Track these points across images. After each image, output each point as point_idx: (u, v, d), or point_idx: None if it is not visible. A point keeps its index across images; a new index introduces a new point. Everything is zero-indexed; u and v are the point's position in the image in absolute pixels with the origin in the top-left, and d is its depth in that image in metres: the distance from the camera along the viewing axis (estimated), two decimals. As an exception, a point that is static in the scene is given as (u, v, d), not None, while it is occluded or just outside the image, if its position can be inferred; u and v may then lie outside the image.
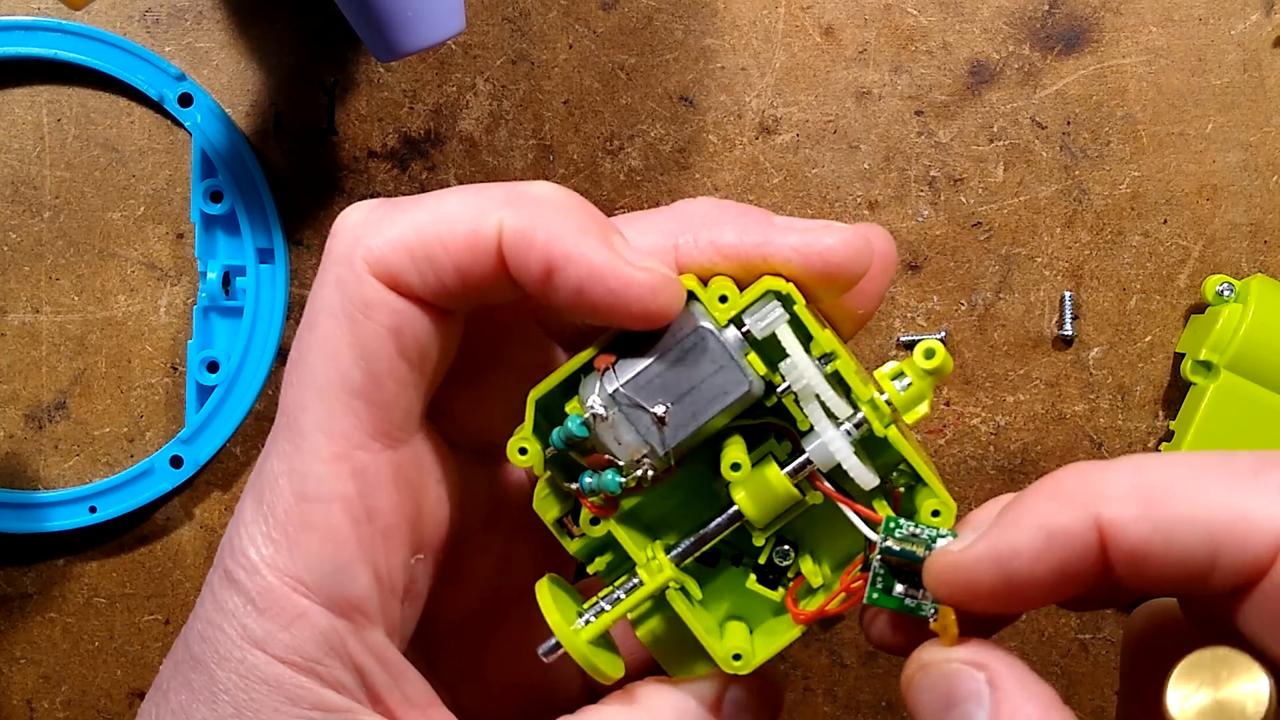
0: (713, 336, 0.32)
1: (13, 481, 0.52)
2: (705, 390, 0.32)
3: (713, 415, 0.32)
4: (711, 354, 0.32)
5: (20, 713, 0.52)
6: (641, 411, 0.32)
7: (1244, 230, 0.51)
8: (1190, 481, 0.27)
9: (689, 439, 0.33)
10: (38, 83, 0.52)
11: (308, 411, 0.33)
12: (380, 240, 0.32)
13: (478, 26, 0.51)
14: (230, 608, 0.33)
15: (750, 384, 0.32)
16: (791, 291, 0.33)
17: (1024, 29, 0.51)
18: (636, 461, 0.32)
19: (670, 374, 0.32)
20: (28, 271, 0.52)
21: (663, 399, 0.32)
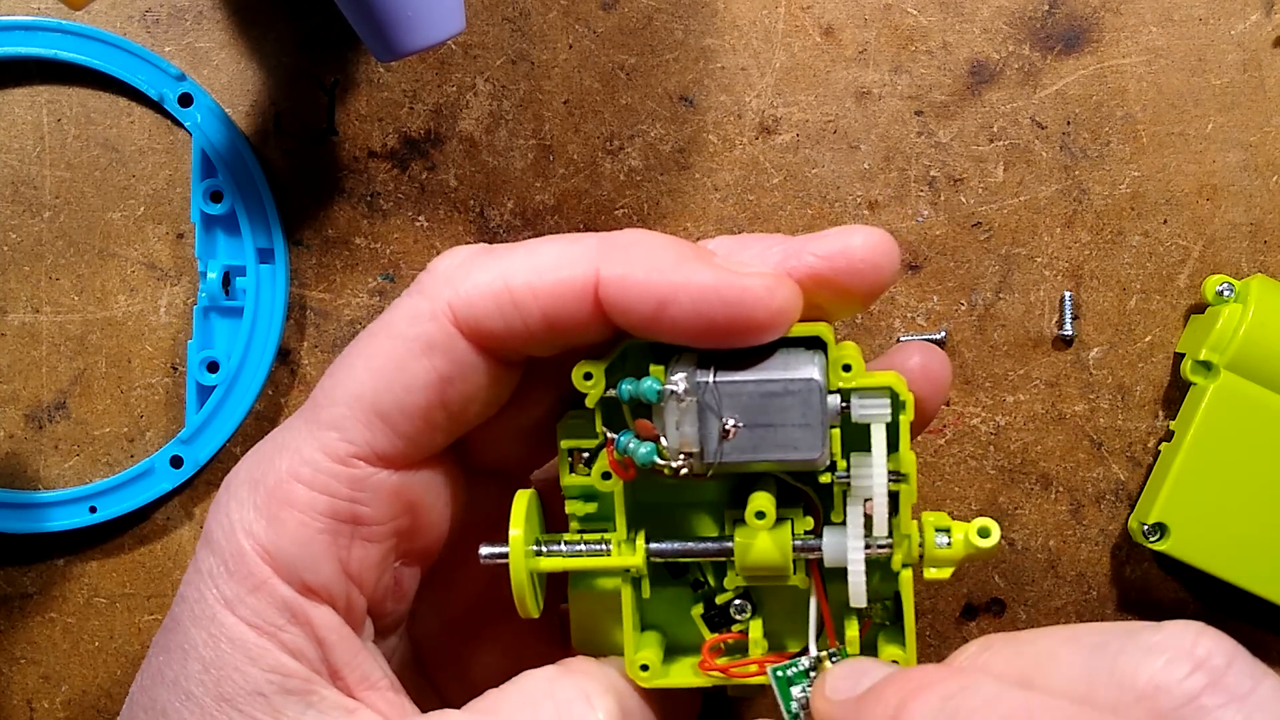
0: (819, 395, 0.32)
1: (13, 481, 0.52)
2: (780, 435, 0.32)
3: (771, 459, 0.32)
4: (806, 408, 0.32)
5: (20, 713, 0.53)
6: (713, 416, 0.32)
7: (1244, 230, 0.51)
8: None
9: (736, 465, 0.32)
10: (38, 83, 0.52)
11: (333, 408, 0.34)
12: (470, 284, 0.33)
13: (478, 26, 0.51)
14: (205, 568, 0.33)
15: (820, 456, 0.32)
16: (907, 399, 0.32)
17: (1024, 29, 0.51)
18: (679, 453, 0.32)
19: (760, 401, 0.32)
20: (28, 271, 0.52)
21: (739, 417, 0.32)
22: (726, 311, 0.31)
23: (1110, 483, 0.52)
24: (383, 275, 0.52)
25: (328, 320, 0.52)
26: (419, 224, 0.52)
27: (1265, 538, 0.49)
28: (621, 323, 0.32)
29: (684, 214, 0.51)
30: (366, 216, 0.52)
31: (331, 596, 0.33)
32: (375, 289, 0.52)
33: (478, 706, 0.33)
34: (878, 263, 0.33)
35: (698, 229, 0.51)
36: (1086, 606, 0.52)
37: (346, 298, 0.52)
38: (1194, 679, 0.27)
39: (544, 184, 0.51)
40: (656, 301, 0.31)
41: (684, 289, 0.31)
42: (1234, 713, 0.27)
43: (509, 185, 0.51)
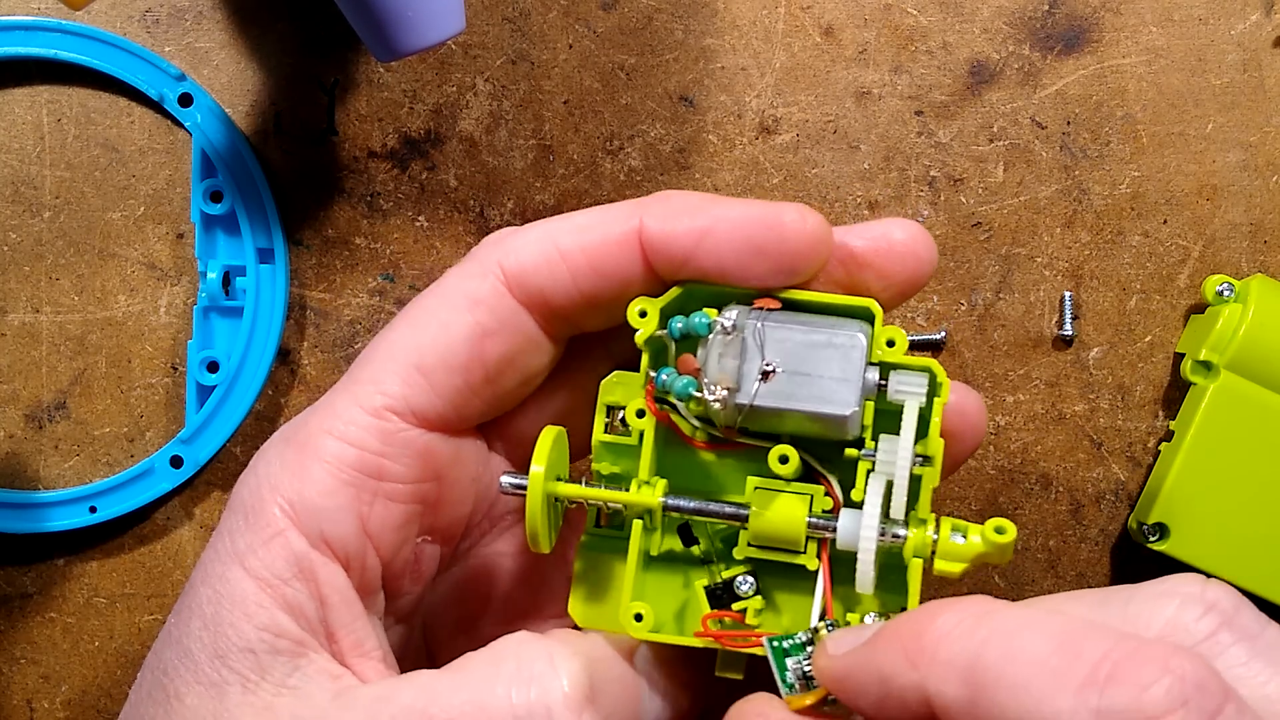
0: (860, 350, 0.32)
1: (13, 481, 0.52)
2: (816, 386, 0.32)
3: (804, 410, 0.32)
4: (846, 363, 0.32)
5: (20, 713, 0.53)
6: (757, 355, 0.32)
7: (1244, 230, 0.51)
8: (1018, 676, 0.26)
9: (768, 413, 0.32)
10: (38, 83, 0.52)
11: (372, 365, 0.34)
12: (518, 241, 0.34)
13: (478, 26, 0.51)
14: (225, 527, 0.34)
15: (851, 415, 0.32)
16: (944, 383, 0.33)
17: (1024, 29, 0.51)
18: (716, 387, 0.32)
19: (802, 351, 0.32)
20: (28, 271, 0.52)
21: (779, 362, 0.32)
22: (764, 235, 0.32)
23: (1110, 483, 0.52)
24: (383, 275, 0.52)
25: (328, 320, 0.52)
26: (419, 224, 0.52)
27: (1265, 538, 0.49)
28: (664, 264, 0.33)
29: (684, 214, 0.51)
30: (366, 216, 0.52)
31: (347, 554, 0.33)
32: (375, 289, 0.52)
33: (451, 665, 0.33)
34: (918, 252, 0.34)
35: (698, 229, 0.51)
36: (1086, 606, 0.52)
37: (346, 298, 0.52)
38: (1207, 619, 0.28)
39: (544, 184, 0.51)
40: (697, 234, 0.33)
41: (722, 218, 0.33)
42: (1246, 650, 0.27)
43: (509, 185, 0.51)
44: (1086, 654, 0.26)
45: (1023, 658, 0.26)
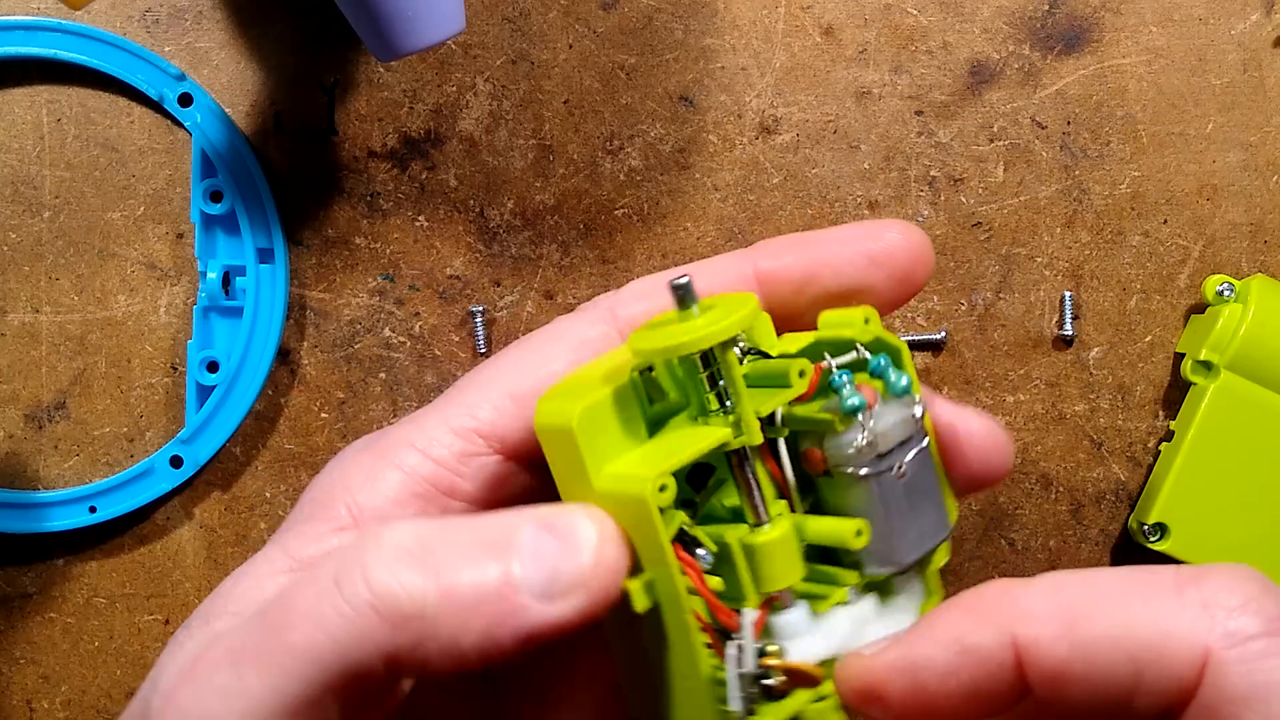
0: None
1: (13, 481, 0.52)
2: (921, 519, 0.33)
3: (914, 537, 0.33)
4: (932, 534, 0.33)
5: (20, 713, 0.52)
6: (898, 453, 0.32)
7: (1244, 230, 0.51)
8: (1111, 599, 0.26)
9: (862, 493, 0.32)
10: (38, 83, 0.52)
11: (466, 390, 0.34)
12: (632, 285, 0.34)
13: (478, 26, 0.51)
14: (288, 520, 0.33)
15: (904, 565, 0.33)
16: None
17: (1024, 29, 0.51)
18: (872, 434, 0.32)
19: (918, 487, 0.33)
20: (28, 271, 0.52)
21: (908, 473, 0.32)
22: (875, 247, 0.33)
23: (1110, 483, 0.52)
24: (383, 275, 0.52)
25: (328, 320, 0.52)
26: (419, 224, 0.52)
27: (1265, 538, 0.49)
28: (783, 292, 0.34)
29: (684, 214, 0.51)
30: (366, 216, 0.52)
31: None
32: (375, 289, 0.52)
33: None
34: (915, 260, 0.34)
35: (698, 229, 0.51)
36: (1086, 606, 0.52)
37: (346, 298, 0.52)
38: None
39: (544, 184, 0.51)
40: (810, 259, 0.34)
41: (832, 239, 0.34)
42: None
43: (509, 185, 0.51)
44: (1165, 571, 0.26)
45: (1108, 584, 0.27)
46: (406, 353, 0.52)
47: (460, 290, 0.52)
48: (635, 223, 0.51)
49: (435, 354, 0.52)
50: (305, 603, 0.28)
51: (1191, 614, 0.25)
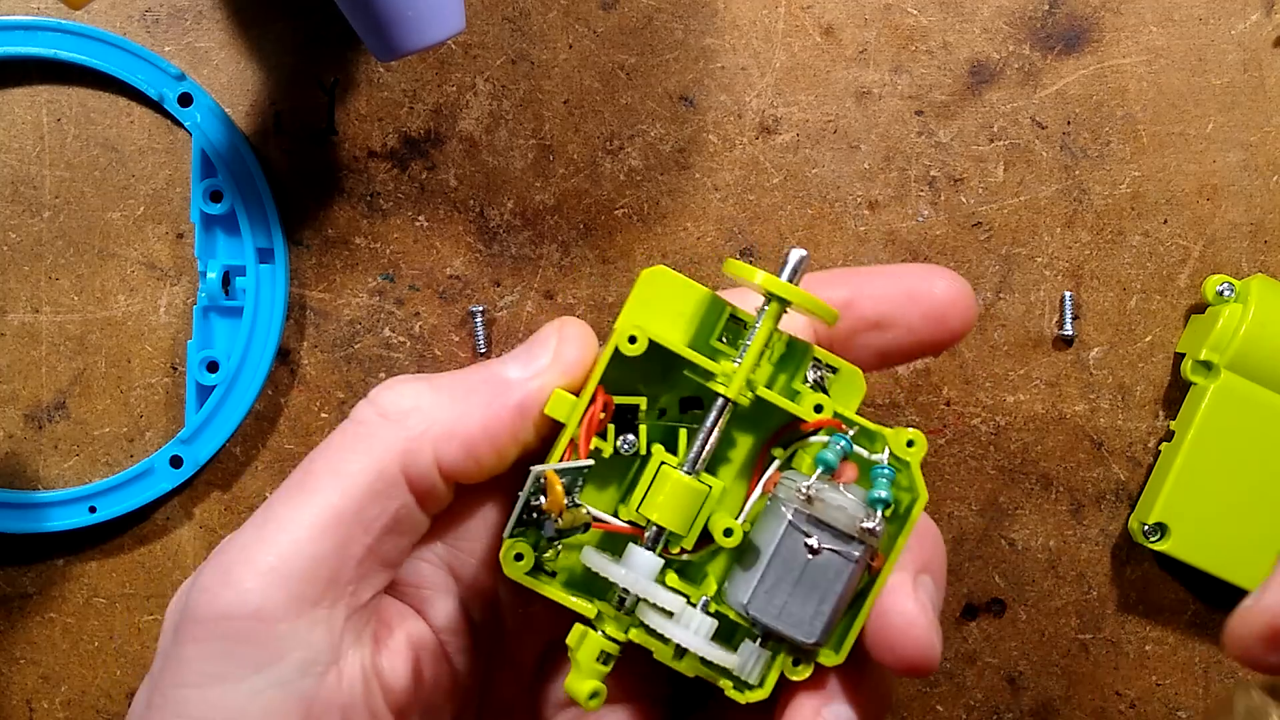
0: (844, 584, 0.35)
1: (13, 481, 0.52)
2: (796, 603, 0.34)
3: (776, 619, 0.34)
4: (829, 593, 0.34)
5: (20, 713, 0.52)
6: (826, 534, 0.34)
7: (1244, 230, 0.51)
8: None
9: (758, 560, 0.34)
10: (38, 83, 0.52)
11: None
12: None
13: (478, 26, 0.51)
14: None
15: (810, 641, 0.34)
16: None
17: (1024, 29, 0.51)
18: (818, 483, 0.34)
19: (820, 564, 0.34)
20: (28, 271, 0.52)
21: (822, 547, 0.34)
22: (916, 284, 0.36)
23: (1110, 483, 0.52)
24: (383, 275, 0.52)
25: (328, 320, 0.52)
26: (419, 224, 0.52)
27: (1265, 538, 0.49)
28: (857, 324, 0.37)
29: (684, 214, 0.51)
30: (366, 216, 0.52)
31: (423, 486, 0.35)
32: (375, 289, 0.52)
33: None
34: (960, 314, 0.36)
35: (698, 229, 0.51)
36: (1086, 606, 0.52)
37: (346, 298, 0.52)
38: None
39: (544, 184, 0.51)
40: (854, 288, 0.37)
41: (876, 272, 0.37)
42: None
43: (509, 185, 0.51)
44: None
45: None
46: (406, 353, 0.52)
47: (460, 290, 0.52)
48: (635, 223, 0.51)
49: (435, 354, 0.52)
50: (327, 441, 0.35)
51: None
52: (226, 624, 0.33)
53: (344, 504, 0.34)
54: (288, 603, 0.33)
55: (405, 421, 0.35)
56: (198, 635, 0.33)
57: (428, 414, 0.35)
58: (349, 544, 0.34)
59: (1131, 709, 0.52)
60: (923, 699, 0.52)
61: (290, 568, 0.33)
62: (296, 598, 0.33)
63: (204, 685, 0.32)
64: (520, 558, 0.34)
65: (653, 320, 0.35)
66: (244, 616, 0.33)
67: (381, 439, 0.34)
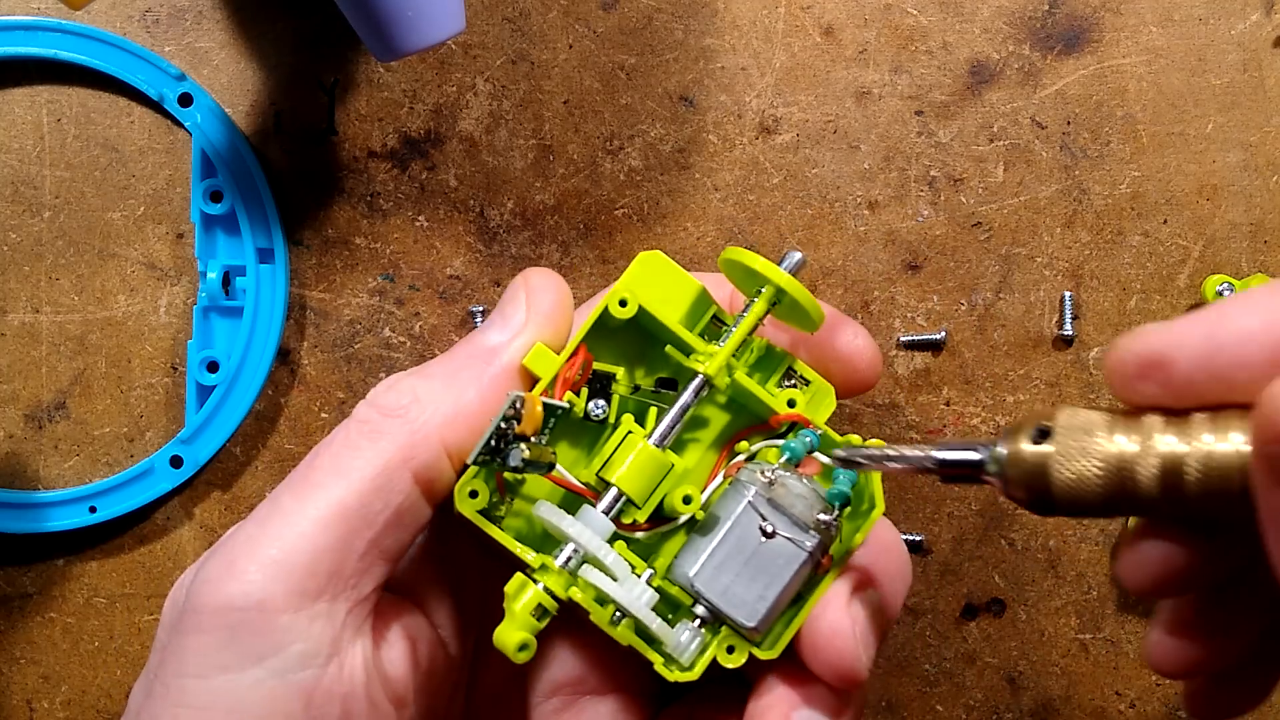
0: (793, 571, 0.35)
1: (13, 481, 0.52)
2: (742, 582, 0.35)
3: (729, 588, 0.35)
4: (775, 579, 0.35)
5: (20, 713, 0.52)
6: (780, 519, 0.35)
7: (1244, 230, 0.51)
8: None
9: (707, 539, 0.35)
10: (38, 83, 0.52)
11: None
12: None
13: (478, 26, 0.51)
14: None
15: (750, 625, 0.35)
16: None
17: (1024, 29, 0.51)
18: (794, 481, 0.35)
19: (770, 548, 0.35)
20: (28, 271, 0.52)
21: (775, 530, 0.35)
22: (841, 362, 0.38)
23: (1110, 483, 0.52)
24: (383, 275, 0.52)
25: (328, 320, 0.52)
26: (419, 224, 0.52)
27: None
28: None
29: (684, 214, 0.51)
30: (366, 216, 0.52)
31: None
32: (375, 289, 0.52)
33: None
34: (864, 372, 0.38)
35: (698, 229, 0.51)
36: (1086, 606, 0.52)
37: (346, 298, 0.52)
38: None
39: (544, 184, 0.51)
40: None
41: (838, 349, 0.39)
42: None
43: (509, 185, 0.51)
44: None
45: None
46: (406, 353, 0.52)
47: (460, 290, 0.52)
48: (635, 223, 0.51)
49: (435, 354, 0.52)
50: (329, 439, 0.36)
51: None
52: (229, 614, 0.33)
53: (348, 499, 0.34)
54: (290, 595, 0.33)
55: (406, 415, 0.35)
56: (201, 625, 0.33)
57: (426, 403, 0.35)
58: (352, 538, 0.34)
59: (1131, 709, 0.52)
60: (923, 699, 0.52)
61: (293, 561, 0.33)
62: (299, 590, 0.33)
63: (206, 675, 0.33)
64: (474, 495, 0.34)
65: (642, 294, 0.36)
66: (247, 607, 0.33)
67: (385, 434, 0.35)
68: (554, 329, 0.37)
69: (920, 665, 0.52)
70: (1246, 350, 0.26)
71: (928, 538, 0.51)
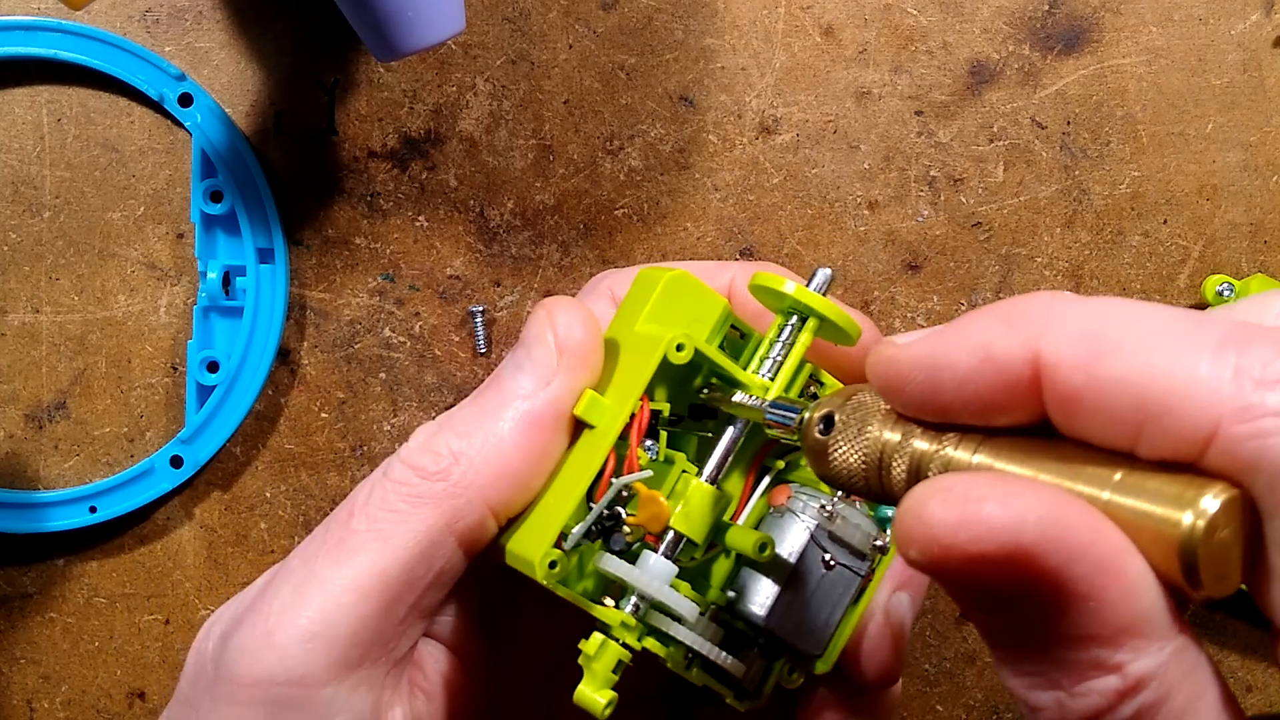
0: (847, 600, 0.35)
1: (13, 481, 0.52)
2: (804, 613, 0.35)
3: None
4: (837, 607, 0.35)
5: (20, 713, 0.52)
6: (840, 550, 0.35)
7: (1244, 230, 0.51)
8: (1144, 341, 0.25)
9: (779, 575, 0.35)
10: (38, 83, 0.52)
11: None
12: None
13: (478, 26, 0.51)
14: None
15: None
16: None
17: (1024, 29, 0.51)
18: (842, 500, 0.34)
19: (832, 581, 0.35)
20: (28, 271, 0.52)
21: (835, 560, 0.35)
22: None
23: (1110, 483, 0.52)
24: (383, 275, 0.52)
25: (328, 320, 0.52)
26: (419, 224, 0.52)
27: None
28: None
29: (684, 214, 0.51)
30: (366, 216, 0.52)
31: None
32: (375, 289, 0.52)
33: None
34: None
35: (698, 229, 0.51)
36: (1086, 606, 0.52)
37: (346, 298, 0.52)
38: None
39: (544, 184, 0.51)
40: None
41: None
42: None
43: (509, 185, 0.51)
44: (1215, 325, 0.24)
45: (1150, 323, 0.25)
46: (406, 353, 0.52)
47: (460, 290, 0.52)
48: (635, 223, 0.51)
49: (435, 354, 0.52)
50: (366, 499, 0.34)
51: (1216, 379, 0.23)
52: (269, 689, 0.32)
53: (391, 568, 0.33)
54: (331, 667, 0.32)
55: (449, 478, 0.34)
56: (237, 697, 0.32)
57: (466, 465, 0.34)
58: (394, 605, 0.33)
59: (1131, 709, 0.52)
60: (923, 699, 0.52)
61: (334, 633, 0.32)
62: (340, 662, 0.32)
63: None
64: (554, 565, 0.33)
65: (673, 325, 0.35)
66: (287, 682, 0.32)
67: (427, 500, 0.34)
68: (587, 370, 0.35)
69: (920, 665, 0.52)
70: (963, 395, 0.28)
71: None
